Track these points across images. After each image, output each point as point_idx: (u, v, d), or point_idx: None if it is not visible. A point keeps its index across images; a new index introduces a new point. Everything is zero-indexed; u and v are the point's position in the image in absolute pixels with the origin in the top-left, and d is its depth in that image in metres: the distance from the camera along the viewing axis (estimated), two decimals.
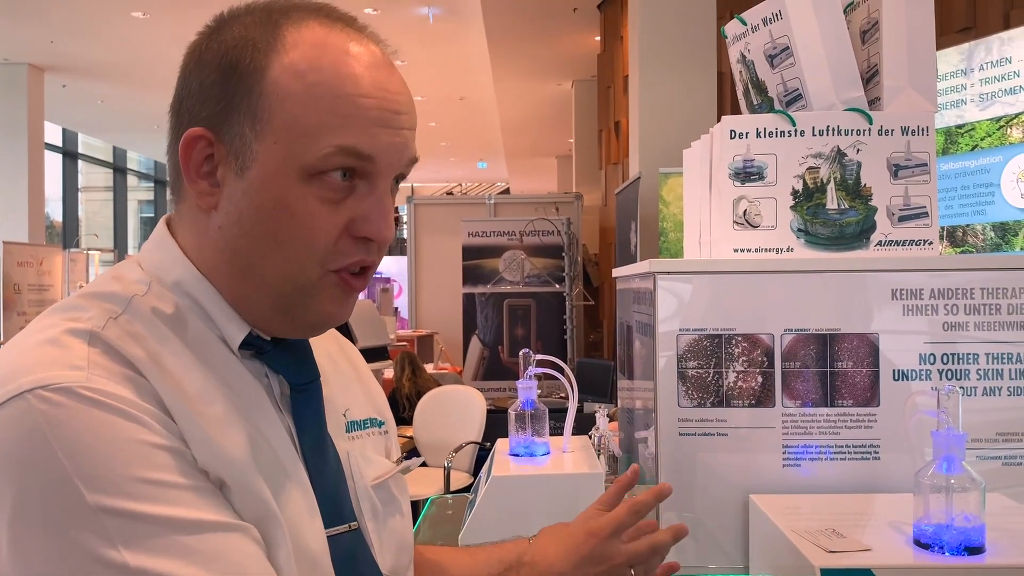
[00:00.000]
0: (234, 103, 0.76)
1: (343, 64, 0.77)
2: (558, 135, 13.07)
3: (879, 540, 1.06)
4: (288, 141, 0.75)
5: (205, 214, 0.79)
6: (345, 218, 0.78)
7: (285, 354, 0.84)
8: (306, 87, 0.76)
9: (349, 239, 0.78)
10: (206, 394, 0.75)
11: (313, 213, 0.76)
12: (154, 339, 0.75)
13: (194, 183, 0.78)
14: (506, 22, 8.09)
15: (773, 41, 1.43)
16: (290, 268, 0.77)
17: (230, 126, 0.77)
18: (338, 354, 0.99)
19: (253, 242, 0.77)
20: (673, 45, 4.69)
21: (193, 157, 0.78)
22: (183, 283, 0.80)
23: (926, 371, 1.30)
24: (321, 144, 0.75)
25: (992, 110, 3.06)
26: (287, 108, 0.76)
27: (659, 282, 1.34)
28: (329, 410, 0.88)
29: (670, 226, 4.38)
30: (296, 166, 0.76)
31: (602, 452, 1.94)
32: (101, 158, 15.72)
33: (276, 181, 0.76)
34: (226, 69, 0.77)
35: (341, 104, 0.76)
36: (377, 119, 0.78)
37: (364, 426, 0.94)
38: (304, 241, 0.77)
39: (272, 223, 0.76)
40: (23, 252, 8.92)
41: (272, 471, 0.77)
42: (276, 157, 0.76)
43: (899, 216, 1.37)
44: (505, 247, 7.71)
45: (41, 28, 9.14)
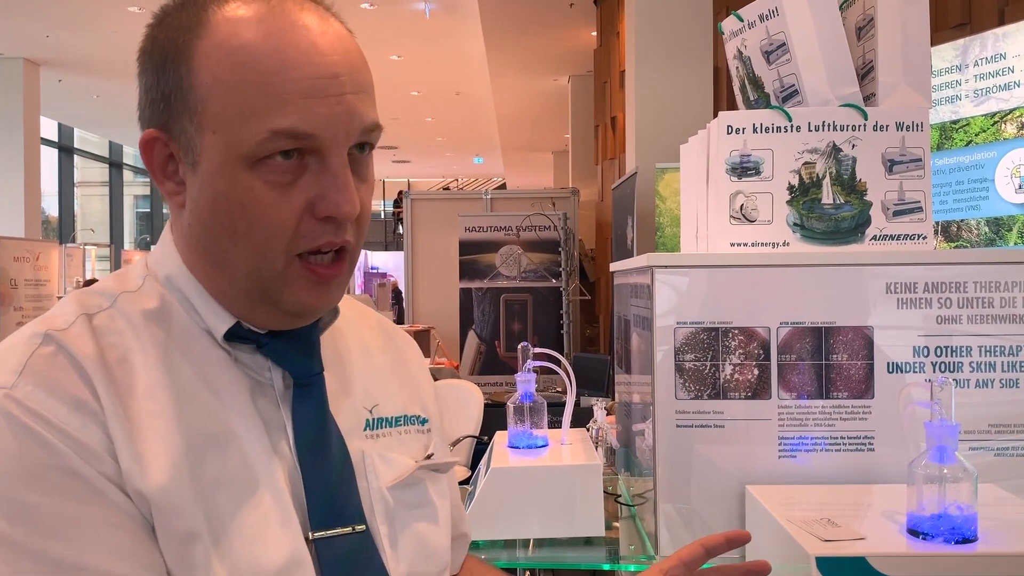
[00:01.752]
0: (172, 99, 0.74)
1: (265, 37, 0.73)
2: (554, 130, 13.06)
3: (873, 529, 1.08)
4: (224, 131, 0.72)
5: (180, 212, 0.78)
6: (302, 200, 0.74)
7: (285, 346, 0.81)
8: (230, 70, 0.72)
9: (312, 221, 0.74)
10: (168, 394, 0.74)
11: (263, 201, 0.73)
12: (130, 336, 0.75)
13: (161, 184, 0.78)
14: (502, 17, 8.08)
15: (769, 37, 1.45)
16: (254, 260, 0.75)
17: (175, 123, 0.75)
18: (380, 346, 0.95)
19: (215, 237, 0.76)
20: (669, 40, 4.70)
21: (155, 159, 0.77)
22: (172, 277, 0.80)
23: (920, 364, 1.32)
24: (254, 130, 0.71)
25: (986, 106, 3.08)
26: (216, 96, 0.72)
27: (657, 276, 1.35)
28: (346, 406, 0.85)
29: (666, 221, 4.39)
30: (236, 155, 0.72)
31: (600, 444, 1.95)
32: (97, 153, 15.69)
33: (222, 173, 0.73)
34: (159, 66, 0.75)
35: (268, 82, 0.71)
36: (309, 90, 0.72)
37: (396, 423, 0.89)
38: (261, 231, 0.73)
39: (227, 216, 0.74)
40: (19, 247, 8.91)
41: (231, 479, 0.74)
42: (217, 148, 0.73)
43: (894, 211, 1.39)
44: (502, 242, 7.72)
45: (37, 23, 9.12)
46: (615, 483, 1.85)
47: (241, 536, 0.73)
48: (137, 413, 0.72)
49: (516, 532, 1.48)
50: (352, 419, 0.85)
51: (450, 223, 8.06)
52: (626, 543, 1.54)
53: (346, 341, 0.90)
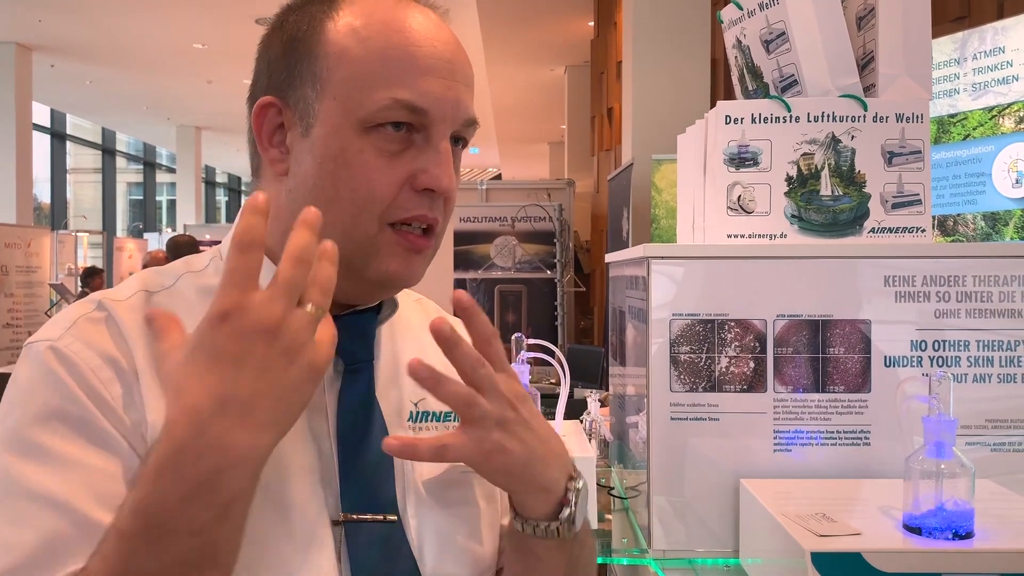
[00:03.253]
0: (297, 69, 0.81)
1: (394, 18, 0.80)
2: (550, 121, 13.04)
3: (869, 524, 1.07)
4: (345, 96, 0.79)
5: (278, 181, 0.83)
6: (405, 171, 0.79)
7: (343, 330, 0.79)
8: (359, 42, 0.79)
9: (410, 192, 0.79)
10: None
11: (371, 164, 0.78)
12: (184, 312, 0.77)
13: (266, 151, 0.83)
14: (499, 6, 8.04)
15: (769, 26, 1.43)
16: (350, 222, 0.79)
17: (294, 90, 0.80)
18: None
19: (317, 199, 0.77)
20: (667, 31, 4.68)
21: (265, 125, 0.82)
22: None
23: (917, 358, 1.31)
24: (376, 96, 0.78)
25: (984, 100, 3.06)
26: (343, 64, 0.79)
27: (653, 267, 1.34)
28: (393, 395, 0.87)
29: (662, 213, 4.38)
30: (353, 119, 0.78)
31: (593, 437, 1.94)
32: (90, 139, 15.61)
33: (336, 136, 0.79)
34: (289, 41, 0.82)
35: (393, 56, 0.79)
36: (428, 69, 0.79)
37: (443, 418, 0.89)
38: (363, 193, 0.78)
39: (332, 177, 0.79)
40: (11, 233, 8.85)
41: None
42: (335, 113, 0.79)
43: (892, 203, 1.37)
44: (497, 233, 7.71)
45: (29, 7, 9.05)
46: (608, 475, 1.84)
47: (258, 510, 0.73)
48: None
49: None
50: (396, 408, 0.87)
51: None
52: (619, 536, 1.53)
53: (404, 337, 0.92)
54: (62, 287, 7.72)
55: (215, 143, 17.06)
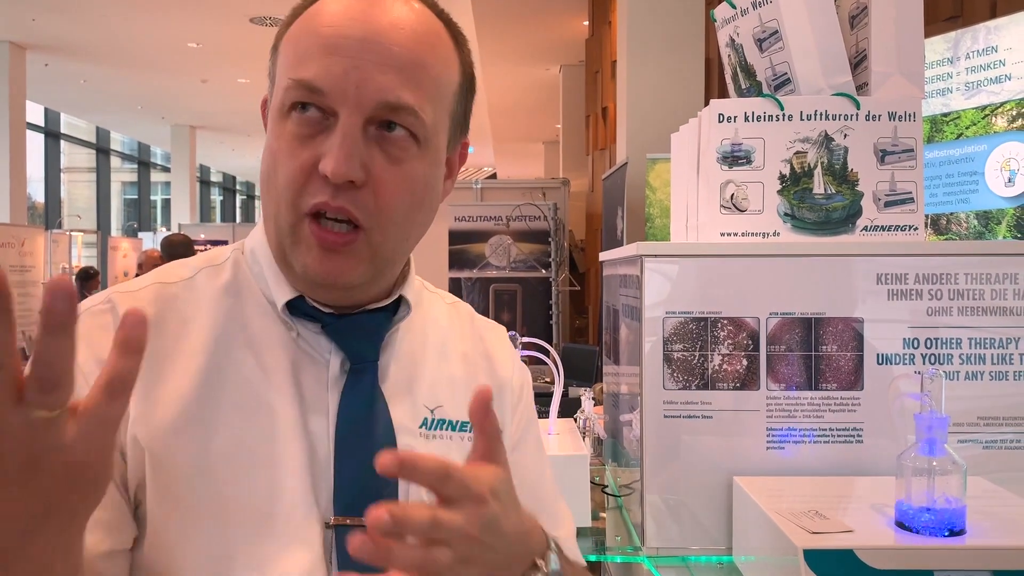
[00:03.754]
0: (273, 65, 0.83)
1: (327, 3, 0.79)
2: (545, 120, 13.03)
3: (862, 522, 1.07)
4: (274, 83, 0.81)
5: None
6: (311, 156, 0.76)
7: (348, 328, 0.82)
8: (294, 28, 0.80)
9: (317, 179, 0.76)
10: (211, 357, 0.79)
11: (284, 149, 0.77)
12: (198, 304, 0.82)
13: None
14: (494, 6, 8.04)
15: (762, 25, 1.43)
16: (272, 210, 0.79)
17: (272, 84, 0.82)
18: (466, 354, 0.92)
19: (263, 186, 0.80)
20: (661, 31, 4.68)
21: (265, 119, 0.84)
22: (254, 250, 0.86)
23: (909, 355, 1.31)
24: (283, 80, 0.78)
25: (977, 99, 3.07)
26: (279, 54, 0.81)
27: (646, 265, 1.34)
28: (406, 401, 0.84)
29: (656, 212, 4.38)
30: (274, 105, 0.79)
31: (587, 435, 1.95)
32: (84, 139, 15.56)
33: (271, 127, 0.80)
34: (279, 35, 0.83)
35: (302, 38, 0.78)
36: (330, 47, 0.76)
37: (459, 428, 0.86)
38: (279, 179, 0.77)
39: (264, 165, 0.79)
40: (5, 233, 8.83)
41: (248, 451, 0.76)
42: (272, 100, 0.81)
43: (885, 201, 1.38)
44: (492, 232, 7.70)
45: (23, 5, 9.01)
46: (602, 473, 1.84)
47: (241, 507, 0.74)
48: (172, 371, 0.77)
49: None
50: (409, 414, 0.84)
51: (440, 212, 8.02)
52: (613, 534, 1.54)
53: (426, 341, 0.90)
54: None
55: (210, 142, 17.02)
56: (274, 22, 9.03)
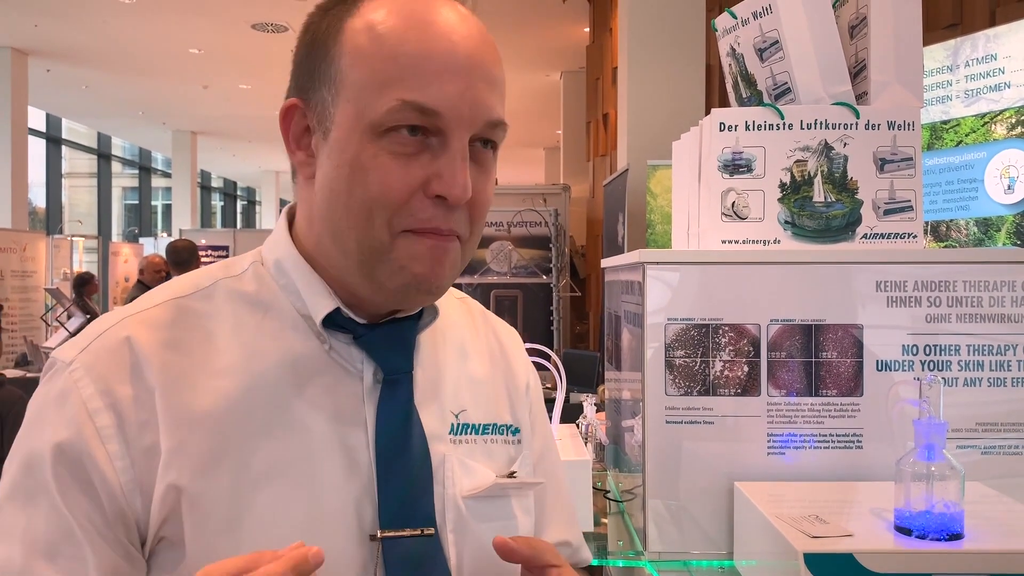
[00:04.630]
0: (317, 71, 0.79)
1: (411, 13, 0.77)
2: (546, 126, 13.06)
3: (861, 526, 1.08)
4: (357, 98, 0.76)
5: (309, 185, 0.81)
6: (420, 176, 0.75)
7: (381, 339, 0.82)
8: (373, 40, 0.76)
9: (423, 198, 0.76)
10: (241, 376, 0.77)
11: (383, 168, 0.75)
12: (221, 318, 0.80)
13: (293, 154, 0.81)
14: (496, 12, 8.07)
15: (763, 35, 1.45)
16: (363, 228, 0.76)
17: (315, 93, 0.79)
18: (482, 350, 0.94)
19: (334, 204, 0.77)
20: (662, 37, 4.70)
21: (292, 129, 0.81)
22: (281, 261, 0.83)
23: (909, 362, 1.33)
24: (385, 98, 0.74)
25: (977, 106, 3.09)
26: (357, 65, 0.76)
27: (648, 272, 1.35)
28: (434, 407, 0.85)
29: (657, 218, 4.39)
30: (366, 123, 0.75)
31: (589, 440, 1.96)
32: (85, 144, 15.59)
33: (350, 140, 0.76)
34: (311, 42, 0.80)
35: (404, 55, 0.75)
36: (441, 68, 0.75)
37: (482, 431, 0.88)
38: (372, 197, 0.75)
39: (347, 182, 0.76)
40: (6, 238, 8.84)
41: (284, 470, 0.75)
42: (349, 116, 0.76)
43: (884, 209, 1.39)
44: (492, 238, 7.71)
45: (25, 11, 9.04)
46: (604, 479, 1.85)
47: (283, 530, 0.74)
48: (201, 394, 0.75)
49: None
50: (438, 421, 0.85)
51: None
52: (615, 539, 1.55)
53: (445, 342, 0.90)
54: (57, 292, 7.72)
55: (211, 148, 17.05)
56: (276, 28, 9.05)
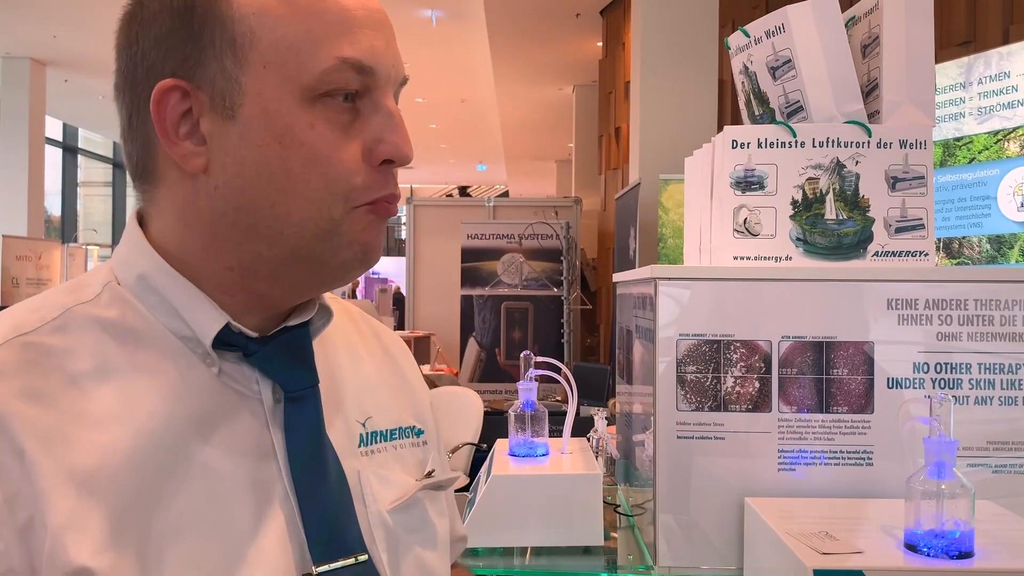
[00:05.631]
0: (204, 40, 0.66)
1: None
2: (558, 139, 13.10)
3: (871, 543, 1.09)
4: (280, 62, 0.66)
5: (192, 183, 0.68)
6: (360, 144, 0.68)
7: (276, 353, 0.72)
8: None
9: (371, 170, 0.69)
10: (125, 427, 0.64)
11: (325, 139, 0.67)
12: (83, 356, 0.66)
13: (175, 145, 0.67)
14: (509, 26, 8.11)
15: (775, 53, 1.46)
16: (311, 208, 0.67)
17: (205, 67, 0.66)
18: (370, 351, 0.87)
19: (261, 189, 0.67)
20: (675, 52, 4.72)
21: (168, 116, 0.67)
22: (147, 276, 0.70)
23: (920, 380, 1.33)
24: (319, 57, 0.66)
25: (990, 124, 3.09)
26: (269, 25, 0.66)
27: (660, 288, 1.36)
28: (338, 421, 0.77)
29: (669, 232, 4.40)
30: (295, 88, 0.66)
31: (600, 454, 1.96)
32: (101, 153, 15.73)
33: (276, 111, 0.66)
34: (180, 8, 0.67)
35: (327, 9, 0.67)
36: (363, 21, 0.68)
37: (390, 437, 0.81)
38: (324, 174, 0.67)
39: (279, 161, 0.66)
40: (22, 246, 8.93)
41: (195, 524, 0.65)
42: (270, 84, 0.66)
43: (896, 227, 1.40)
44: (504, 250, 7.72)
45: (44, 23, 9.15)
46: (615, 493, 1.86)
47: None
48: (82, 454, 0.62)
49: (515, 540, 1.49)
50: (345, 435, 0.77)
51: (452, 230, 8.08)
52: (624, 553, 1.55)
53: (335, 347, 0.82)
54: None
55: None
56: None
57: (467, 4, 8.09)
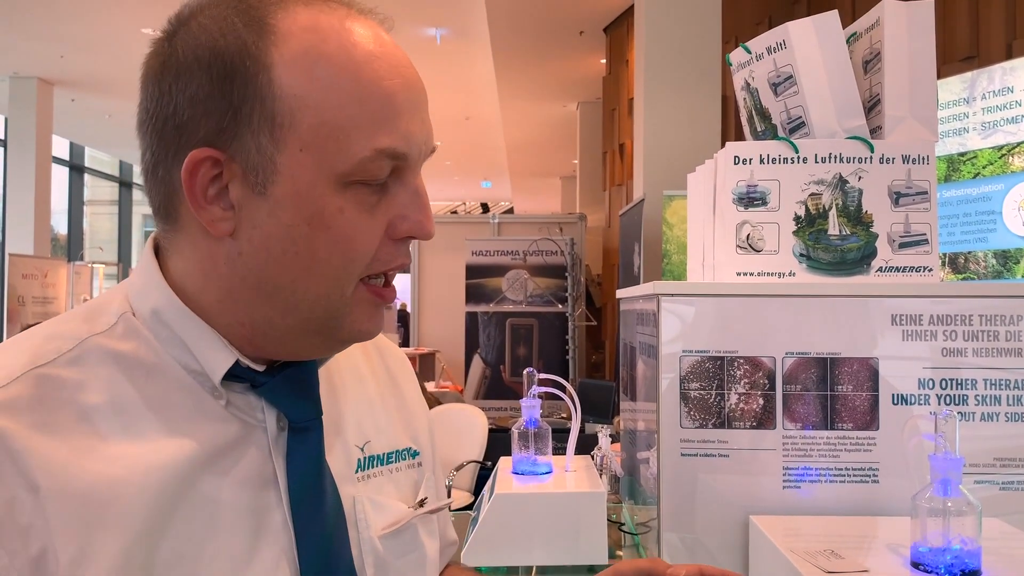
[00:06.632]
0: (242, 113, 0.66)
1: (353, 45, 0.68)
2: (563, 156, 13.13)
3: (877, 562, 1.08)
4: (317, 147, 0.66)
5: (216, 242, 0.69)
6: (384, 222, 0.70)
7: (283, 386, 0.74)
8: (323, 81, 0.66)
9: (389, 243, 0.71)
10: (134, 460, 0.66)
11: (352, 224, 0.68)
12: (94, 389, 0.67)
13: (203, 210, 0.68)
14: (513, 44, 8.16)
15: (777, 70, 1.46)
16: (328, 287, 0.69)
17: (241, 140, 0.66)
18: (373, 370, 0.89)
19: (285, 265, 0.68)
20: (678, 69, 4.73)
21: (199, 181, 0.68)
22: (161, 312, 0.72)
23: (925, 396, 1.32)
24: (355, 148, 0.66)
25: (994, 139, 3.09)
26: (310, 107, 0.66)
27: (663, 304, 1.36)
28: (338, 446, 0.79)
29: (673, 248, 4.40)
30: (330, 174, 0.67)
31: (604, 472, 1.95)
32: (107, 172, 15.80)
33: (309, 194, 0.66)
34: (219, 74, 0.66)
35: (366, 95, 0.67)
36: (403, 105, 0.69)
37: (387, 460, 0.83)
38: (346, 255, 0.68)
39: (308, 242, 0.67)
40: (28, 264, 8.96)
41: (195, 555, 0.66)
42: (305, 167, 0.66)
43: (900, 243, 1.39)
44: (508, 266, 7.73)
45: (51, 43, 9.23)
46: (619, 511, 1.85)
47: None
48: (92, 488, 0.63)
49: (519, 559, 1.48)
50: (344, 461, 0.79)
51: (457, 247, 8.09)
52: None
53: (340, 369, 0.84)
54: None
55: None
56: None
57: (471, 22, 8.14)
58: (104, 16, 8.35)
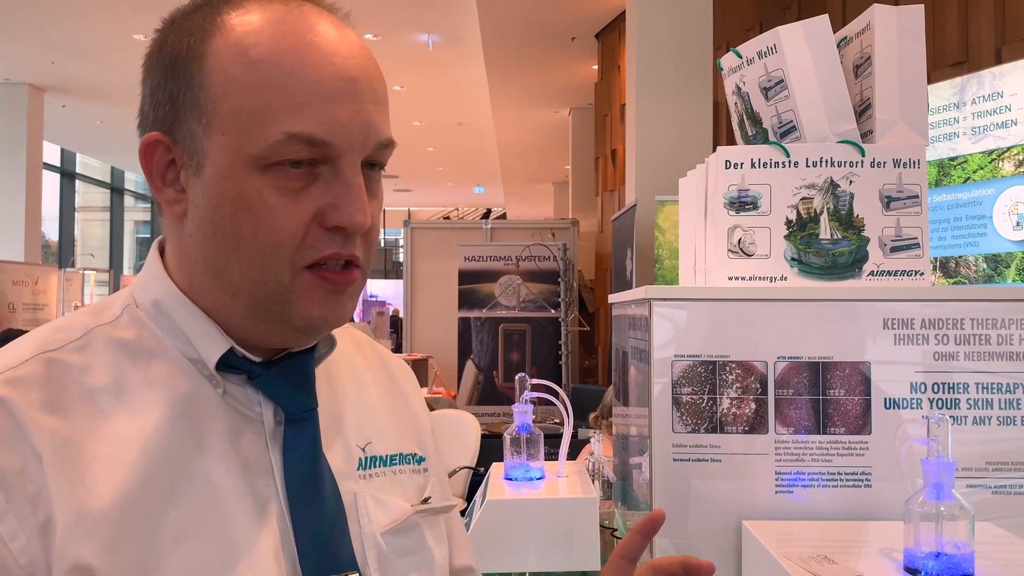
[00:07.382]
0: (180, 100, 0.71)
1: (283, 37, 0.70)
2: (555, 161, 13.15)
3: (870, 567, 1.07)
4: (235, 131, 0.69)
5: (179, 223, 0.74)
6: (311, 208, 0.70)
7: (279, 378, 0.76)
8: (246, 67, 0.69)
9: (319, 231, 0.71)
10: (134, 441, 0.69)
11: (271, 206, 0.69)
12: (99, 373, 0.71)
13: (160, 191, 0.74)
14: (505, 50, 8.16)
15: (768, 74, 1.46)
16: (258, 270, 0.71)
17: (181, 124, 0.72)
18: (376, 379, 0.90)
19: (218, 246, 0.72)
20: (670, 75, 4.74)
21: (154, 164, 0.74)
22: (160, 302, 0.76)
23: (917, 400, 1.32)
24: (268, 131, 0.69)
25: (984, 143, 3.10)
26: (230, 95, 0.70)
27: (655, 309, 1.36)
28: (338, 443, 0.80)
29: (665, 253, 4.40)
30: (246, 157, 0.69)
31: (596, 477, 1.95)
32: (99, 178, 15.75)
33: (229, 176, 0.70)
34: (168, 66, 0.72)
35: (285, 83, 0.69)
36: (328, 93, 0.69)
37: (390, 462, 0.84)
38: (267, 238, 0.70)
39: (230, 222, 0.70)
40: (19, 271, 8.91)
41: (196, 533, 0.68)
42: (226, 150, 0.70)
43: (891, 247, 1.39)
44: (501, 272, 7.72)
45: (42, 48, 9.19)
46: (612, 517, 1.84)
47: None
48: (92, 462, 0.67)
49: (512, 565, 1.47)
50: (344, 458, 0.80)
51: (450, 252, 8.08)
52: None
53: (340, 373, 0.85)
54: None
55: None
56: None
57: (463, 28, 8.14)
58: (96, 22, 8.33)
